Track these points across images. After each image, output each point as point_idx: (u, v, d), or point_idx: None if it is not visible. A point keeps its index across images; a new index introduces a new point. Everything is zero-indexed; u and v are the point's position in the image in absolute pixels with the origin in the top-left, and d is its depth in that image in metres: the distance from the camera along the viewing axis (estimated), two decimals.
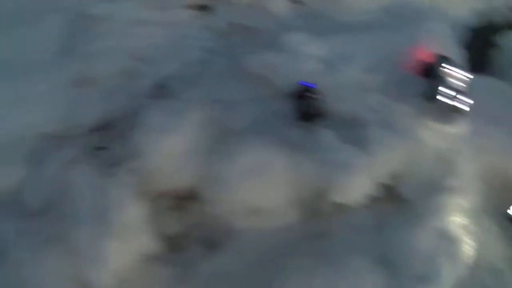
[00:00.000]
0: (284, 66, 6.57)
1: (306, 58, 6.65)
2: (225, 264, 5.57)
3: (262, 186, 5.65)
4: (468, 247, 6.08)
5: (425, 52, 6.90)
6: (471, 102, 6.51)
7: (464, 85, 6.67)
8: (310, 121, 6.08)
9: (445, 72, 6.59)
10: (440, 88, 6.55)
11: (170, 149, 5.81)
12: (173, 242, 5.67)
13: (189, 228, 5.85)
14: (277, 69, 6.54)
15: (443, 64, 6.68)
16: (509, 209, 6.43)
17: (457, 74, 6.67)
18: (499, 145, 6.85)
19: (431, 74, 6.71)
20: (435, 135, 6.46)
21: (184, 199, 5.95)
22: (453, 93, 6.54)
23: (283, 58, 6.64)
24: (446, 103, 6.54)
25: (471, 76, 6.64)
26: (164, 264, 5.51)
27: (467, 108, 6.56)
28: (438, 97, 6.56)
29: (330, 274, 5.34)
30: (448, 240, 5.98)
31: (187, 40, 7.37)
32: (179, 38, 7.41)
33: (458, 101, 6.56)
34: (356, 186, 5.76)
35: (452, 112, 6.61)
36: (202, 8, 7.97)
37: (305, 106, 6.04)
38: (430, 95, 6.59)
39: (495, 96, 7.46)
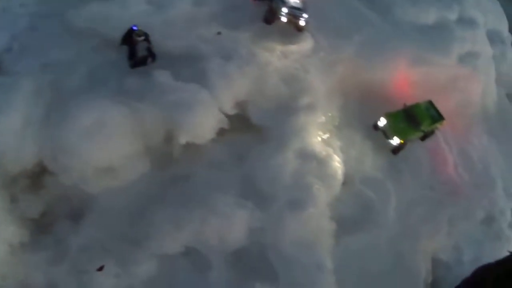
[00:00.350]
0: (112, 14, 6.22)
1: (134, 2, 6.29)
2: (93, 232, 5.37)
3: (106, 144, 5.36)
4: (336, 163, 6.18)
5: None
6: (307, 17, 6.46)
7: (301, 2, 6.59)
8: (143, 64, 5.74)
9: None
10: (280, 6, 6.43)
11: (9, 129, 5.37)
12: (39, 223, 5.38)
13: (50, 206, 5.57)
14: (105, 18, 6.14)
15: None
16: (379, 120, 6.70)
17: None
18: (349, 56, 6.95)
19: None
20: (279, 57, 6.45)
21: (38, 176, 5.58)
22: (291, 11, 6.45)
23: (110, 6, 6.25)
24: (285, 22, 6.46)
25: None
26: (36, 248, 5.19)
27: (304, 23, 6.50)
28: (280, 16, 6.45)
29: (199, 216, 5.26)
30: (313, 159, 6.06)
31: (14, 9, 6.80)
32: (5, 9, 6.80)
33: (296, 18, 6.49)
34: (203, 123, 5.63)
35: (293, 30, 6.55)
36: None
37: (134, 50, 5.66)
38: (268, 16, 6.47)
39: (340, 9, 7.50)
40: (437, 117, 7.09)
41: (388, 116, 6.69)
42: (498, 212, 7.36)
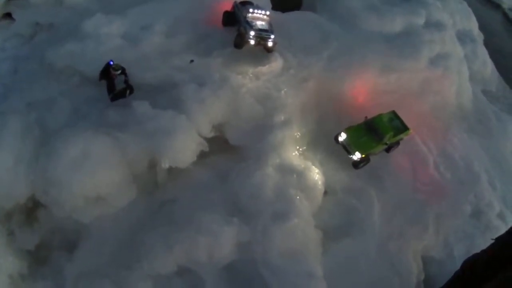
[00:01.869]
0: (88, 51, 6.49)
1: (107, 38, 6.60)
2: (88, 260, 5.49)
3: (92, 174, 5.58)
4: (316, 174, 6.37)
5: (224, 2, 7.03)
6: (274, 37, 6.75)
7: (268, 24, 6.88)
8: (122, 97, 6.01)
9: (248, 15, 6.75)
10: (247, 30, 6.70)
11: (1, 167, 5.59)
12: (36, 255, 5.58)
13: (45, 237, 5.74)
14: (82, 56, 6.41)
15: (246, 7, 6.83)
16: (340, 135, 6.72)
17: (260, 15, 6.85)
18: (318, 71, 7.19)
19: (233, 20, 6.85)
20: (251, 78, 6.69)
21: (31, 210, 5.80)
22: (259, 34, 6.72)
23: (85, 43, 6.52)
24: (254, 44, 6.73)
25: (269, 13, 6.84)
26: (34, 279, 5.39)
27: (272, 44, 6.76)
28: (249, 39, 6.71)
29: (188, 236, 5.42)
30: (293, 172, 6.25)
31: None
32: None
33: (264, 40, 6.76)
34: (183, 147, 5.84)
35: (263, 52, 6.81)
36: (7, 16, 7.64)
37: (112, 84, 5.94)
38: (238, 41, 6.74)
39: (306, 27, 7.79)
40: (401, 127, 7.01)
41: (348, 130, 6.67)
42: (485, 205, 7.42)
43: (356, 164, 6.75)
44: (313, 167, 6.36)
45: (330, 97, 7.15)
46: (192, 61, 6.52)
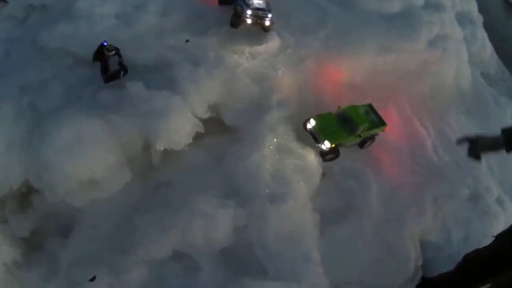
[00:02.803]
0: (81, 32, 6.35)
1: (101, 18, 6.45)
2: (83, 244, 5.41)
3: (86, 157, 5.47)
4: (313, 156, 6.26)
5: None
6: (271, 16, 6.62)
7: (265, 3, 6.74)
8: (116, 78, 5.89)
9: None
10: (244, 9, 6.57)
11: None
12: (30, 242, 5.46)
13: (39, 223, 5.66)
14: (74, 37, 6.28)
15: None
16: (309, 122, 6.31)
17: None
18: (316, 51, 7.09)
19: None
20: (248, 58, 6.58)
21: (25, 196, 5.68)
22: (255, 12, 6.59)
23: (77, 25, 6.39)
24: (251, 23, 6.60)
25: None
26: (29, 267, 5.29)
27: (269, 23, 6.64)
28: (245, 18, 6.59)
29: (183, 219, 5.32)
30: (290, 154, 6.13)
31: None
32: None
33: (261, 19, 6.63)
34: (178, 129, 5.73)
35: (260, 31, 6.69)
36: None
37: (106, 65, 5.82)
38: (234, 20, 6.61)
39: (304, 6, 7.67)
40: (377, 122, 6.49)
41: (318, 117, 6.15)
42: (483, 189, 7.30)
43: (323, 155, 6.18)
44: (311, 148, 6.25)
45: (328, 77, 7.00)
46: (187, 40, 6.39)
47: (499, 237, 4.37)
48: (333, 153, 6.24)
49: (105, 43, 5.83)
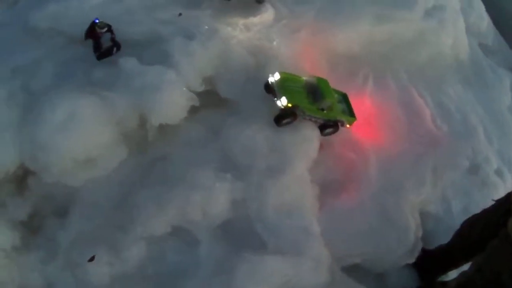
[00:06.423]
0: (71, 10, 6.19)
1: None
2: (80, 224, 5.33)
3: (81, 135, 5.36)
4: (311, 126, 6.15)
5: None
6: None
7: None
8: (109, 55, 5.81)
9: None
10: None
11: None
12: (28, 225, 5.32)
13: (37, 206, 5.50)
14: (65, 16, 6.14)
15: None
16: (273, 75, 5.69)
17: None
18: (311, 20, 6.96)
19: None
20: (242, 30, 6.44)
21: (22, 179, 5.57)
22: None
23: (67, 3, 6.23)
24: None
25: None
26: (28, 250, 5.17)
27: None
28: None
29: (181, 193, 5.25)
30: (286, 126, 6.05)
31: None
32: None
33: None
34: (173, 103, 5.62)
35: (253, 2, 6.60)
36: None
37: (98, 42, 5.74)
38: None
39: None
40: (347, 111, 5.98)
41: (285, 74, 5.60)
42: (483, 160, 7.22)
43: (279, 119, 5.59)
44: (308, 120, 6.19)
45: (323, 47, 6.83)
46: (180, 14, 6.29)
47: (499, 201, 4.34)
48: (290, 116, 5.67)
49: (97, 21, 5.72)
